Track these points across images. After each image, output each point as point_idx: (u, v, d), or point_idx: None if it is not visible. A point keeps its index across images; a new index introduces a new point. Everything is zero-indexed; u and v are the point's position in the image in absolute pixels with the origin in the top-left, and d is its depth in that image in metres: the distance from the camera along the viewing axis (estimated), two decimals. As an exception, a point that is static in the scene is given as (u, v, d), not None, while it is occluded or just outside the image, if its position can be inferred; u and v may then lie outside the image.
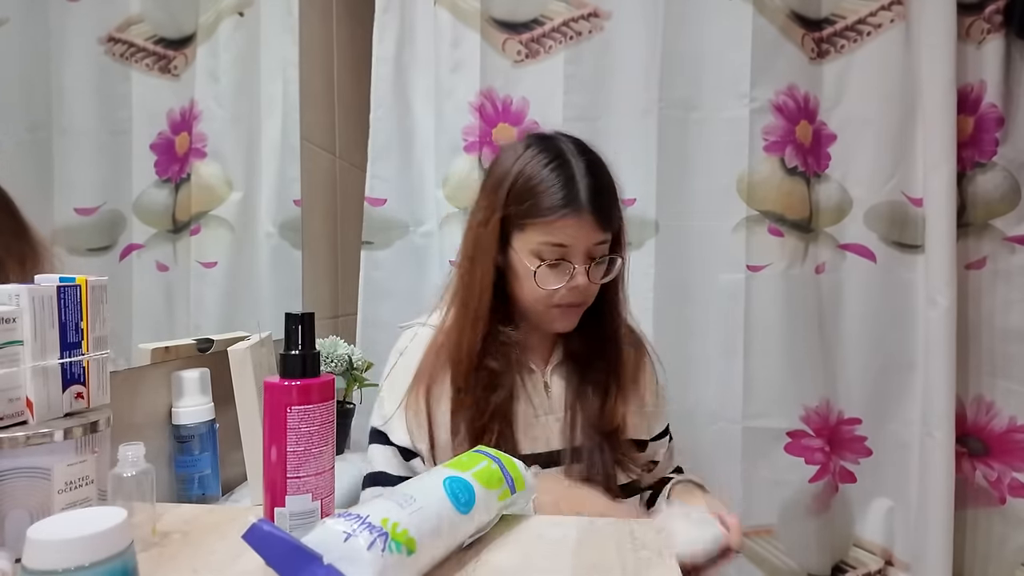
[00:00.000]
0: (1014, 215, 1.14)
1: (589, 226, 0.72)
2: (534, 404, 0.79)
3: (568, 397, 0.81)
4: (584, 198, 0.71)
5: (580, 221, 0.71)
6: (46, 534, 0.35)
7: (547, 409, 0.80)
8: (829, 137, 1.21)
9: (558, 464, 0.78)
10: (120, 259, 0.76)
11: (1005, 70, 1.13)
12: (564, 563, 0.51)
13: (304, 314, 0.52)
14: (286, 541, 0.41)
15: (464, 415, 0.75)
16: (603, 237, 0.74)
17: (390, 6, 1.24)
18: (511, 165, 0.75)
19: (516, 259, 0.75)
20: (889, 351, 1.20)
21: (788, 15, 1.16)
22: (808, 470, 1.19)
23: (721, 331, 1.18)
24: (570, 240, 0.72)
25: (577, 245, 0.73)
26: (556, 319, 0.77)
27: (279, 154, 1.12)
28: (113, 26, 0.76)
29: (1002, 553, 1.17)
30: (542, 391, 0.81)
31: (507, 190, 0.74)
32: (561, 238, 0.72)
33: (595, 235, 0.73)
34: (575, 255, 0.73)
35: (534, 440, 0.78)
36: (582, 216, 0.71)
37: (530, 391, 0.80)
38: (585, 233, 0.72)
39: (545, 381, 0.81)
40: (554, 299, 0.75)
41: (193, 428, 0.79)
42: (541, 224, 0.72)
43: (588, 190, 0.72)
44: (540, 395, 0.80)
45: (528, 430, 0.78)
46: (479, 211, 0.78)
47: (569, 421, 0.79)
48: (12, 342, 0.49)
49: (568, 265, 0.73)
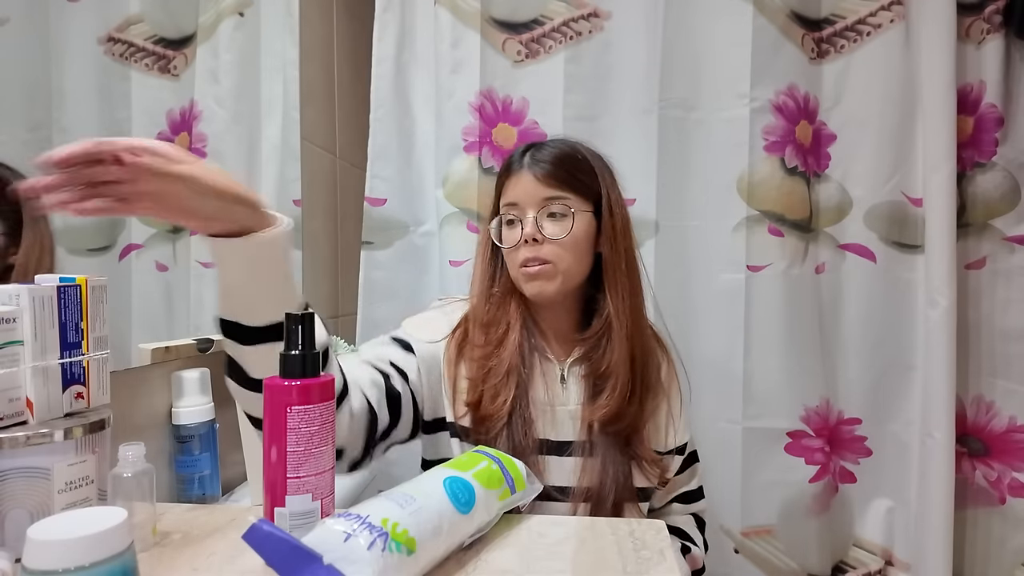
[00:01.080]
0: (1014, 215, 1.14)
1: (529, 181, 0.78)
2: (550, 393, 0.80)
3: (585, 394, 0.80)
4: (524, 159, 0.79)
5: (520, 178, 0.79)
6: (46, 534, 0.35)
7: (562, 401, 0.81)
8: (829, 137, 1.21)
9: (571, 455, 0.78)
10: (120, 259, 0.76)
11: (1005, 70, 1.13)
12: (564, 563, 0.51)
13: (304, 314, 0.52)
14: (286, 541, 0.41)
15: (480, 369, 0.78)
16: (550, 192, 0.78)
17: (390, 6, 1.24)
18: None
19: (495, 231, 0.83)
20: (889, 351, 1.20)
21: (788, 15, 1.16)
22: (808, 470, 1.19)
23: (721, 331, 1.18)
24: (517, 197, 0.79)
25: (524, 199, 0.78)
26: (525, 283, 0.80)
27: (279, 154, 1.12)
28: (113, 26, 0.76)
29: (1002, 553, 1.17)
30: (557, 383, 0.81)
31: (497, 180, 0.84)
32: (509, 197, 0.80)
33: (539, 189, 0.78)
34: (525, 210, 0.78)
35: (546, 427, 0.79)
36: (521, 174, 0.79)
37: (547, 379, 0.81)
38: (526, 187, 0.78)
39: (562, 373, 0.82)
40: (519, 259, 0.79)
41: (193, 428, 0.79)
42: (502, 191, 0.82)
43: (530, 153, 0.80)
44: (556, 386, 0.81)
45: (541, 416, 0.79)
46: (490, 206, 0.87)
47: (584, 417, 0.79)
48: (12, 342, 0.49)
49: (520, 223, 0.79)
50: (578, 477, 0.77)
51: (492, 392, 0.76)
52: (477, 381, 0.77)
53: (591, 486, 0.76)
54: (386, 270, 1.27)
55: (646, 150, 1.18)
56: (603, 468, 0.77)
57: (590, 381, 0.81)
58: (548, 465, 0.77)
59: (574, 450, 0.79)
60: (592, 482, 0.77)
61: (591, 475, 0.77)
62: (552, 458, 0.78)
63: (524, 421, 0.76)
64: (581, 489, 0.77)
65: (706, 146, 1.18)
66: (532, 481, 0.64)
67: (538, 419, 0.78)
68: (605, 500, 0.76)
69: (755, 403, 1.17)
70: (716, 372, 1.18)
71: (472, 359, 0.79)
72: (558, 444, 0.79)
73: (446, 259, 1.24)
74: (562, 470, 0.78)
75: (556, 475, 0.77)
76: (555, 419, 0.79)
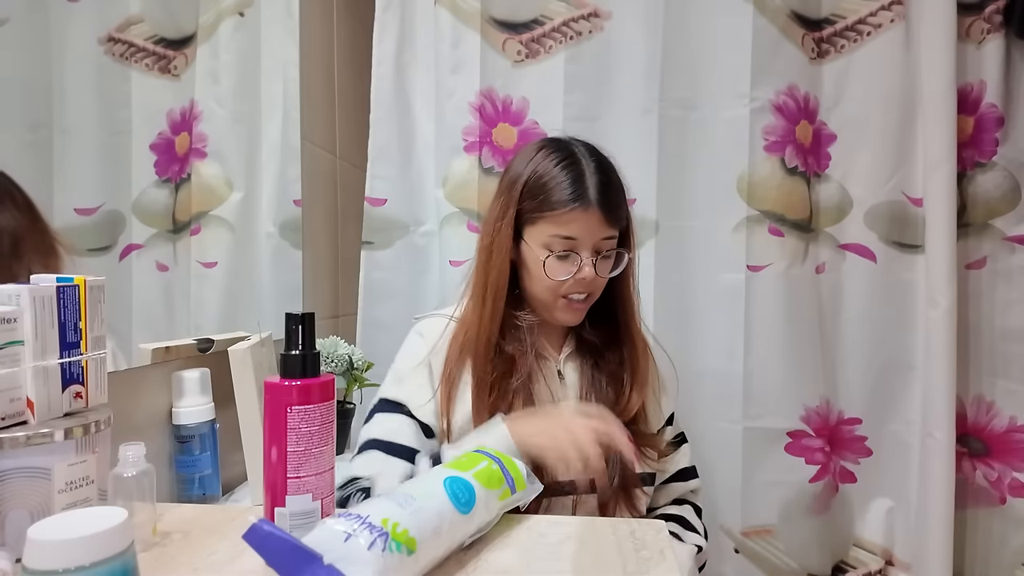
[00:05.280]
0: (1014, 215, 1.14)
1: (596, 220, 0.76)
2: (552, 390, 0.82)
3: (582, 386, 0.83)
4: (592, 194, 0.75)
5: (588, 215, 0.75)
6: (46, 534, 0.35)
7: (561, 396, 0.82)
8: (829, 137, 1.21)
9: None
10: (120, 259, 0.76)
11: (1005, 70, 1.13)
12: (564, 563, 0.51)
13: (304, 314, 0.52)
14: (286, 541, 0.41)
15: (486, 400, 0.77)
16: (610, 232, 0.78)
17: (390, 6, 1.24)
18: (525, 165, 0.80)
19: (528, 252, 0.79)
20: (889, 351, 1.20)
21: (788, 15, 1.16)
22: (808, 470, 1.19)
23: (721, 331, 1.18)
24: (578, 233, 0.76)
25: (585, 238, 0.76)
26: (562, 311, 0.80)
27: (279, 154, 1.12)
28: (113, 26, 0.76)
29: (1002, 553, 1.17)
30: (556, 379, 0.83)
31: (521, 187, 0.79)
32: (570, 231, 0.76)
33: (602, 230, 0.77)
34: (582, 248, 0.77)
35: None
36: (589, 210, 0.75)
37: (546, 377, 0.82)
38: (592, 227, 0.76)
39: (559, 369, 0.83)
40: (561, 290, 0.78)
41: (193, 428, 0.79)
42: (551, 217, 0.76)
43: (596, 187, 0.76)
44: (554, 382, 0.82)
45: None
46: (496, 207, 0.82)
47: None
48: (13, 342, 0.49)
49: (576, 257, 0.77)
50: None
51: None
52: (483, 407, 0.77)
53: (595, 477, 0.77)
54: (386, 270, 1.27)
55: (646, 150, 1.17)
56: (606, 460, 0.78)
57: (587, 372, 0.83)
58: None
59: None
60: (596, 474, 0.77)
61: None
62: None
63: None
64: (584, 481, 0.77)
65: (706, 146, 1.18)
66: (532, 481, 0.64)
67: None
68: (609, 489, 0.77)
69: (755, 403, 1.17)
70: (716, 372, 1.18)
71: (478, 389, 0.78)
72: None
73: (446, 259, 1.24)
74: None
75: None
76: None
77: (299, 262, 1.17)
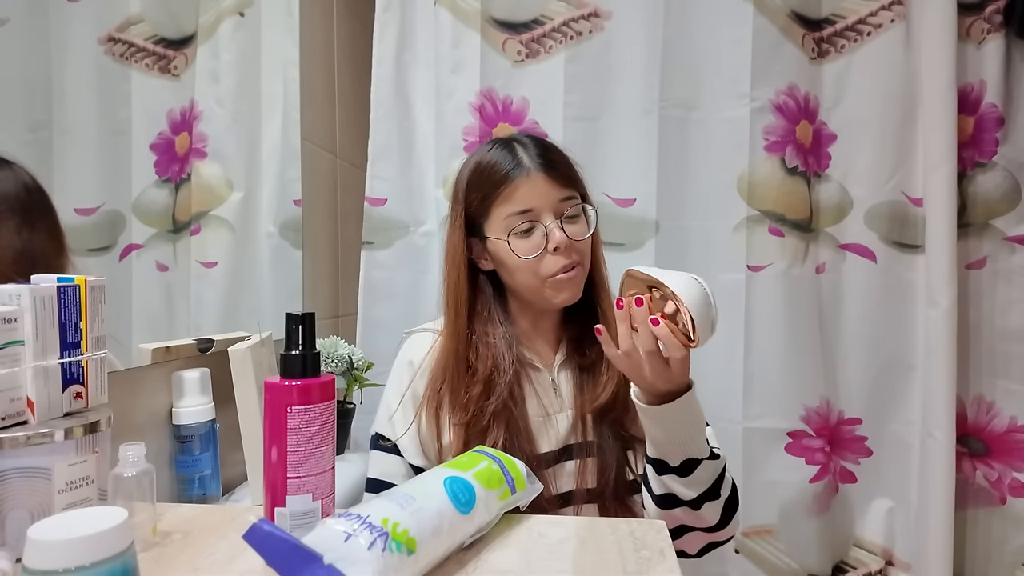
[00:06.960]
0: (1014, 215, 1.14)
1: (543, 183, 0.74)
2: (544, 404, 0.79)
3: (575, 392, 0.80)
4: (529, 161, 0.74)
5: (531, 180, 0.74)
6: (46, 534, 0.35)
7: (558, 407, 0.80)
8: (829, 137, 1.21)
9: (572, 459, 0.78)
10: (120, 259, 0.76)
11: (1005, 70, 1.13)
12: (564, 563, 0.51)
13: (304, 314, 0.52)
14: (286, 541, 0.41)
15: (464, 421, 0.75)
16: (565, 193, 0.76)
17: (390, 6, 1.24)
18: (463, 169, 0.80)
19: (495, 246, 0.77)
20: (889, 351, 1.20)
21: (788, 15, 1.16)
22: (808, 470, 1.19)
23: (721, 331, 1.17)
24: (529, 201, 0.74)
25: (539, 204, 0.74)
26: (554, 291, 0.76)
27: (279, 154, 1.12)
28: (113, 26, 0.76)
29: (1002, 553, 1.17)
30: (550, 390, 0.80)
31: (464, 186, 0.78)
32: (521, 203, 0.74)
33: (554, 191, 0.75)
34: (542, 214, 0.74)
35: (548, 440, 0.78)
36: (532, 175, 0.74)
37: (539, 391, 0.79)
38: (542, 191, 0.74)
39: (552, 380, 0.81)
40: (542, 271, 0.75)
41: (193, 428, 0.79)
42: (499, 198, 0.75)
43: (533, 154, 0.75)
44: (549, 394, 0.80)
45: (541, 430, 0.78)
46: (448, 218, 0.81)
47: (579, 415, 0.79)
48: (14, 342, 0.49)
49: (540, 227, 0.74)
50: (580, 479, 0.77)
51: (479, 437, 0.74)
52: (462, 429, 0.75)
53: (594, 485, 0.76)
54: (386, 270, 1.27)
55: (646, 150, 1.18)
56: (603, 462, 0.77)
57: (576, 374, 0.81)
58: (551, 475, 0.77)
59: (573, 452, 0.78)
60: (593, 481, 0.77)
61: (592, 474, 0.77)
62: (553, 468, 0.77)
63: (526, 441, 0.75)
64: (582, 491, 0.77)
65: (706, 146, 1.18)
66: (532, 481, 0.64)
67: (538, 436, 0.77)
68: (607, 493, 0.76)
69: (755, 403, 1.17)
70: (716, 372, 1.18)
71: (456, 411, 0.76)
72: (557, 453, 0.78)
73: (446, 259, 1.24)
74: (564, 475, 0.77)
75: (560, 483, 0.77)
76: (552, 429, 0.79)
77: (299, 262, 1.17)
